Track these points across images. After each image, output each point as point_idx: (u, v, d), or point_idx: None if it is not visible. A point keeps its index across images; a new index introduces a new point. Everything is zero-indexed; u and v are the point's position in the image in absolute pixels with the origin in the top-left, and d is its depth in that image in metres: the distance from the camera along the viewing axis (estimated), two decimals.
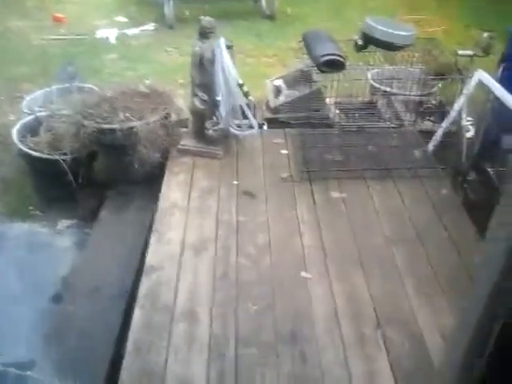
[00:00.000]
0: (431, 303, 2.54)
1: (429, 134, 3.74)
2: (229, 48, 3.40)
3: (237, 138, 3.75)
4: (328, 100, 4.11)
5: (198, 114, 3.64)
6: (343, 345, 2.34)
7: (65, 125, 3.57)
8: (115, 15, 7.38)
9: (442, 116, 3.69)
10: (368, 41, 3.53)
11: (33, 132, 3.75)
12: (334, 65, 3.35)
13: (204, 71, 3.47)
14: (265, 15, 7.42)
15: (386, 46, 3.53)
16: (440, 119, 3.76)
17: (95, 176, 3.73)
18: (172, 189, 3.38)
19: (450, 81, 3.98)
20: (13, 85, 5.21)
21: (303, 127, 3.90)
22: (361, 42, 3.55)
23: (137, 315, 2.45)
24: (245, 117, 3.58)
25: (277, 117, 4.12)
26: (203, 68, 3.46)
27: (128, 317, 2.52)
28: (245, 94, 3.54)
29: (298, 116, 4.01)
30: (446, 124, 3.60)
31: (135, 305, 2.51)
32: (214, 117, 3.61)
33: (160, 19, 7.09)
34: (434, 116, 4.04)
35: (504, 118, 3.13)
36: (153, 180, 3.50)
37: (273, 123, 4.08)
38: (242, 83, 3.44)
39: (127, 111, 3.50)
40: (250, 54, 6.12)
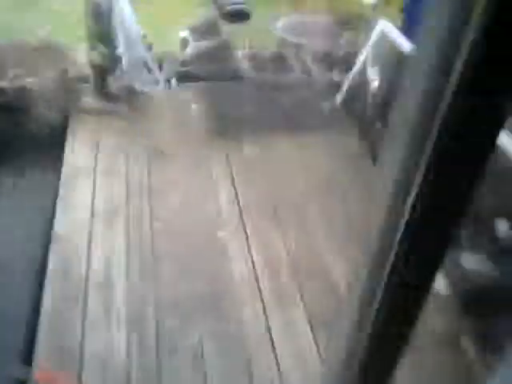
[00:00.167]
0: (345, 253, 2.65)
1: (337, 85, 3.78)
2: None
3: (144, 95, 3.55)
4: (237, 52, 4.00)
5: (98, 70, 3.38)
6: (262, 299, 2.39)
7: None
8: None
9: (351, 67, 3.74)
10: None
11: None
12: (240, 14, 3.25)
13: (102, 22, 3.20)
14: None
15: None
16: (348, 70, 3.80)
17: None
18: (75, 151, 3.16)
19: (356, 31, 4.04)
20: None
21: (213, 81, 3.78)
22: None
23: (48, 289, 2.32)
24: (151, 71, 3.39)
25: (186, 70, 3.95)
26: (101, 18, 3.19)
27: (39, 291, 2.38)
28: (149, 47, 3.34)
29: (208, 69, 3.87)
30: (352, 74, 3.66)
31: (45, 278, 2.37)
32: (116, 72, 3.38)
33: None
34: (342, 66, 4.08)
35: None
36: (54, 143, 3.24)
37: (182, 77, 3.90)
38: (145, 34, 3.23)
39: (18, 68, 3.17)
40: (156, 2, 5.74)
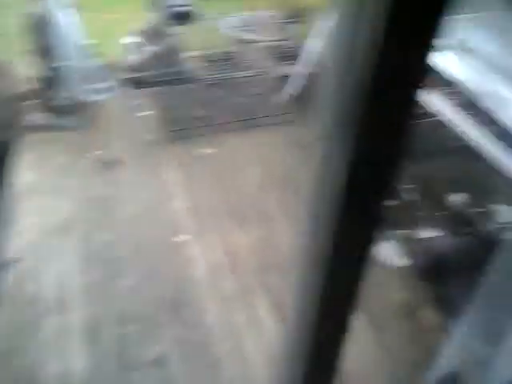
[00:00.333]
0: None
1: (290, 79, 3.75)
2: (71, 6, 3.07)
3: (92, 105, 3.46)
4: (187, 54, 3.94)
5: (42, 84, 3.28)
6: (225, 299, 2.34)
7: None
8: None
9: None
10: None
11: None
12: (183, 16, 3.19)
13: (43, 34, 3.11)
14: None
15: None
16: (298, 63, 3.78)
17: None
18: (23, 171, 3.03)
19: (305, 23, 4.02)
20: None
21: (164, 85, 3.71)
22: None
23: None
24: (98, 80, 3.30)
25: (135, 76, 3.86)
26: (42, 30, 3.09)
27: None
28: (95, 55, 3.25)
29: (157, 74, 3.80)
30: (303, 67, 3.64)
31: None
32: (62, 84, 3.27)
33: None
34: (293, 60, 4.05)
35: None
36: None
37: (132, 83, 3.82)
38: (91, 43, 3.14)
39: None
40: (101, 10, 5.63)
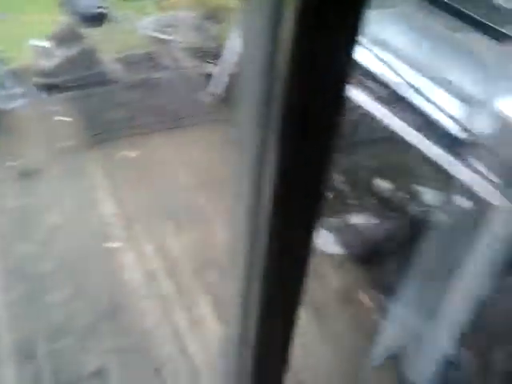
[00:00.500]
0: None
1: (211, 78, 3.75)
2: None
3: (5, 114, 3.26)
4: (105, 55, 3.82)
5: None
6: (164, 302, 2.29)
7: None
8: None
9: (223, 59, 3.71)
10: None
11: None
12: (97, 18, 3.09)
13: None
14: None
15: None
16: (220, 62, 3.78)
17: None
18: None
19: (225, 22, 4.04)
20: None
21: (81, 89, 3.57)
22: None
23: None
24: (9, 86, 3.11)
25: (50, 81, 3.68)
26: None
27: None
28: (3, 60, 3.06)
29: (73, 78, 3.64)
30: (225, 66, 3.64)
31: None
32: None
33: None
34: (215, 59, 4.05)
35: None
36: None
37: (47, 89, 3.63)
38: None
39: None
40: (10, 11, 5.30)
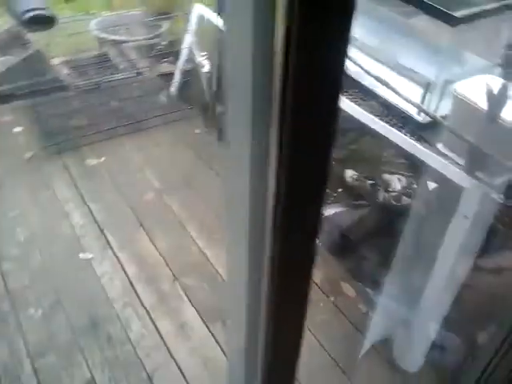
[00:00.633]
0: (217, 241, 2.63)
1: (169, 77, 3.70)
2: None
3: None
4: (54, 60, 3.68)
5: None
6: (146, 310, 2.27)
7: None
8: None
9: (178, 56, 3.67)
10: None
11: None
12: (42, 20, 2.94)
13: None
14: None
15: None
16: (176, 60, 3.74)
17: None
18: None
19: (175, 18, 3.98)
20: None
21: (33, 97, 3.43)
22: None
23: None
24: None
25: None
26: None
27: None
28: None
29: (22, 85, 3.49)
30: (181, 64, 3.61)
31: None
32: None
33: None
34: (169, 57, 4.00)
35: None
36: None
37: None
38: None
39: None
40: None
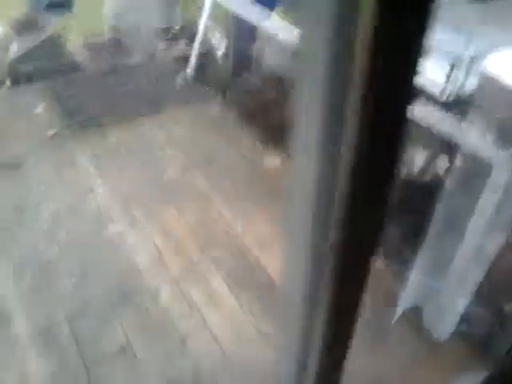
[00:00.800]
0: (245, 215, 2.68)
1: (184, 60, 3.74)
2: None
3: None
4: (71, 43, 3.72)
5: None
6: (176, 279, 2.33)
7: None
8: None
9: (192, 40, 3.71)
10: None
11: None
12: (59, 4, 2.99)
13: None
14: None
15: None
16: (190, 43, 3.77)
17: None
18: None
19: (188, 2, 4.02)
20: None
21: (51, 79, 3.47)
22: None
23: None
24: None
25: (16, 72, 3.55)
26: None
27: None
28: None
29: (41, 67, 3.53)
30: (197, 46, 3.65)
31: None
32: None
33: None
34: (184, 41, 4.03)
35: (244, 29, 3.33)
36: None
37: (14, 80, 3.51)
38: None
39: None
40: None
